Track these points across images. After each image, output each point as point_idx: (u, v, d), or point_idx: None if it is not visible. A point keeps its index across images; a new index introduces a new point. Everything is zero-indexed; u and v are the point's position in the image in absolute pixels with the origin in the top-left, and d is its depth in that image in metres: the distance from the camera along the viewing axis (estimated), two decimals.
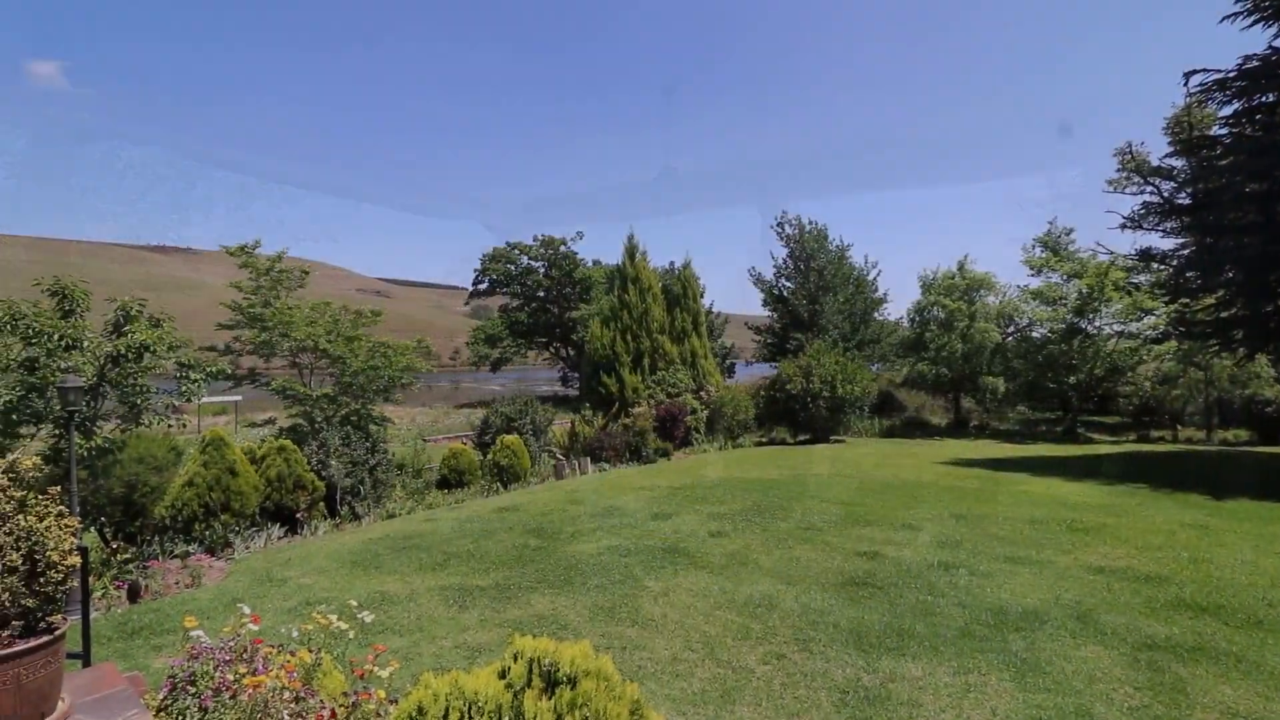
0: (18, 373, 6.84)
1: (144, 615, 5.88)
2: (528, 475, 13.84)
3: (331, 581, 6.72)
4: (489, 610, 5.87)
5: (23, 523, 2.68)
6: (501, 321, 48.07)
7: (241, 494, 8.89)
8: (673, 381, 20.94)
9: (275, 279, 13.29)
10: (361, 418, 13.11)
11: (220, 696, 2.23)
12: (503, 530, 8.80)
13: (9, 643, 2.64)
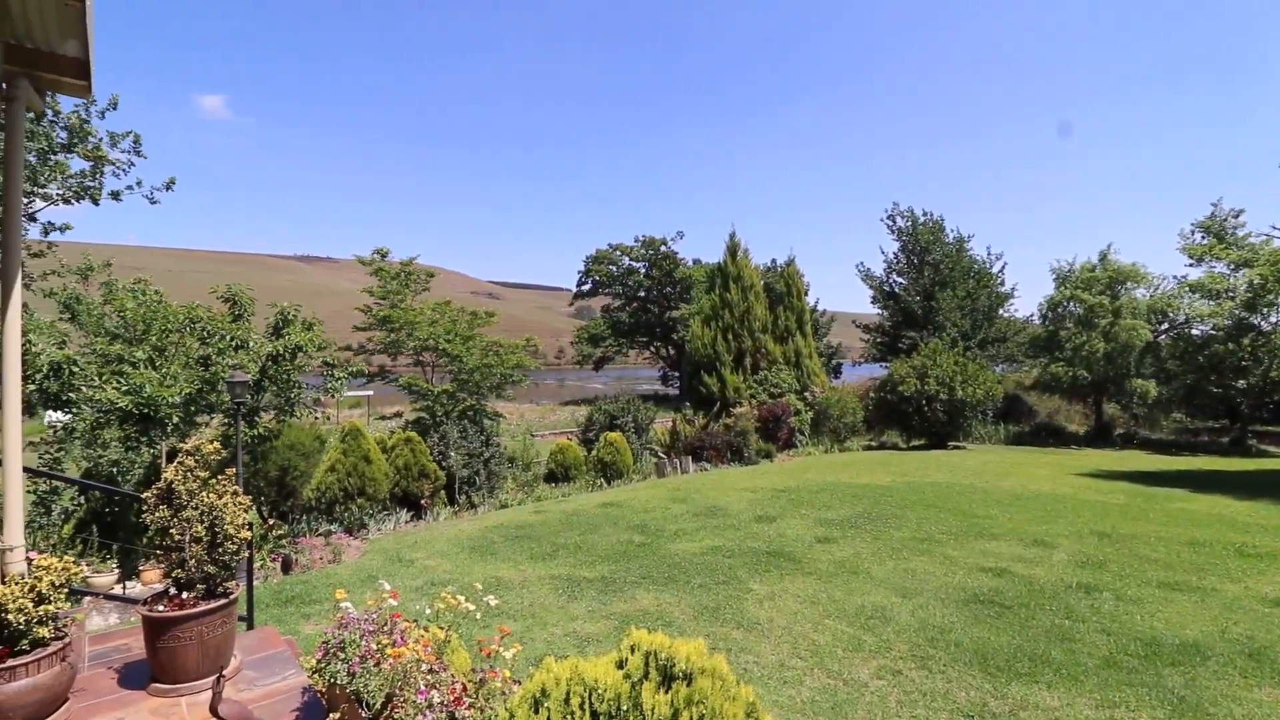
0: (196, 369, 7.89)
1: (295, 586, 6.59)
2: (630, 472, 14.08)
3: (453, 565, 7.19)
4: (596, 602, 6.03)
5: (206, 499, 3.10)
6: (604, 321, 49.24)
7: (375, 480, 9.72)
8: (775, 381, 20.49)
9: (403, 283, 14.38)
10: (477, 413, 13.91)
11: (366, 663, 2.46)
12: (607, 525, 9.01)
13: (194, 603, 3.07)
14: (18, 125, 4.60)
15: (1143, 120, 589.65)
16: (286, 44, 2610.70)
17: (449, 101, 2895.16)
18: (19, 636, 2.67)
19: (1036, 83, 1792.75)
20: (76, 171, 9.93)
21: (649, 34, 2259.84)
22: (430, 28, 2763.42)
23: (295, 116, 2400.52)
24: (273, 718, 2.69)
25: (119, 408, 6.76)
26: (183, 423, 7.44)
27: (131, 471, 7.46)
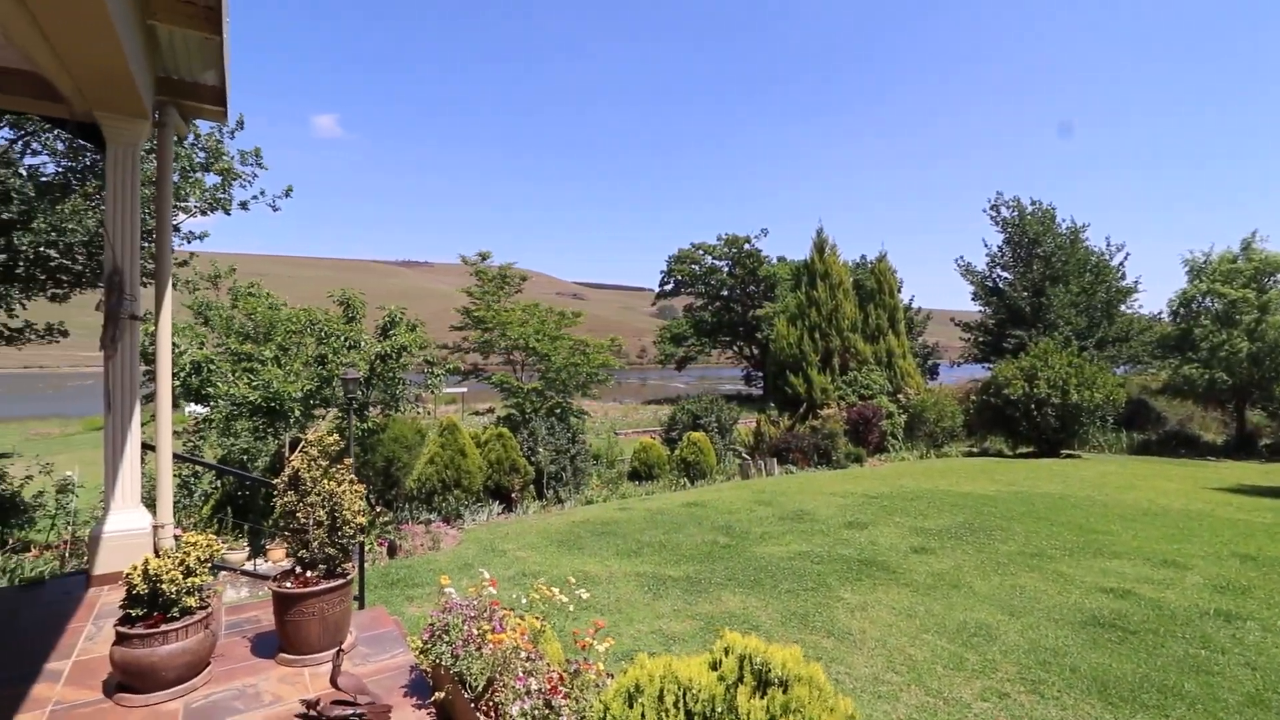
0: (314, 366, 8.59)
1: (399, 570, 7.03)
2: (713, 472, 13.99)
3: (542, 557, 7.43)
4: (681, 601, 6.04)
5: (327, 486, 3.36)
6: (686, 321, 49.19)
7: (469, 473, 10.20)
8: (866, 383, 19.70)
9: (499, 285, 15.00)
10: (563, 410, 14.29)
11: (468, 647, 2.59)
12: (691, 525, 8.99)
13: (316, 581, 3.33)
14: (168, 148, 5.17)
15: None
16: (389, 61, 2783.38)
17: (538, 107, 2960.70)
18: (170, 605, 3.01)
19: (1183, 70, 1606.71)
20: (210, 185, 11.05)
21: (734, 33, 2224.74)
22: (520, 37, 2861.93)
23: (397, 129, 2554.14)
24: (384, 692, 2.88)
25: (249, 401, 7.48)
26: (302, 415, 8.13)
27: (258, 459, 8.24)
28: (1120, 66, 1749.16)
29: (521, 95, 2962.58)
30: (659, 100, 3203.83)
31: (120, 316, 4.25)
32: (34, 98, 4.54)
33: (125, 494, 4.33)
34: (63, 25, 3.36)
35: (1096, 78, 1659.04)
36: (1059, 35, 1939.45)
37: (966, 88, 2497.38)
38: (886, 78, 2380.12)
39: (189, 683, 3.01)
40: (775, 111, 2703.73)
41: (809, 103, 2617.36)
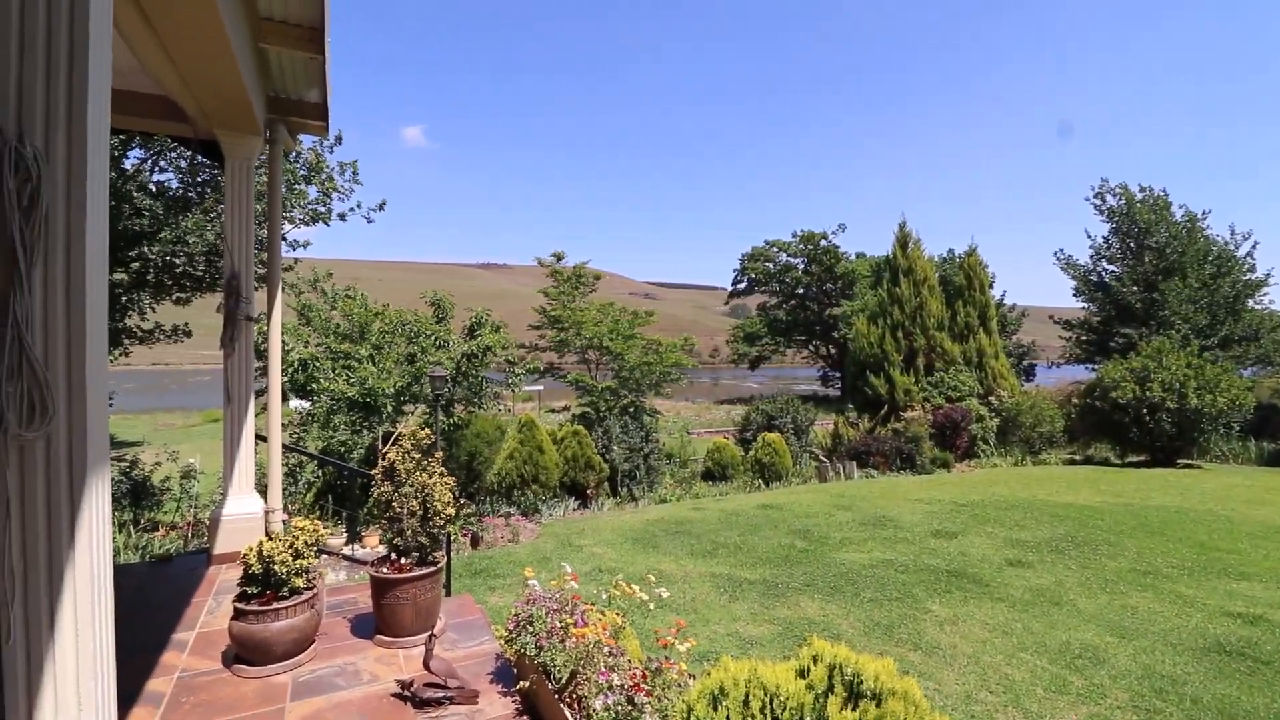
0: (404, 365, 9.07)
1: (481, 560, 7.29)
2: (789, 475, 13.70)
3: (617, 554, 7.50)
4: (758, 605, 5.94)
5: (419, 479, 3.52)
6: (760, 320, 48.39)
7: (546, 469, 10.46)
8: (953, 384, 18.72)
9: (574, 285, 15.31)
10: (637, 409, 14.39)
11: (552, 639, 2.65)
12: (767, 527, 8.83)
13: (409, 569, 3.50)
14: (278, 161, 5.58)
15: None
16: (471, 71, 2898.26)
17: (611, 110, 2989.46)
18: (281, 584, 3.25)
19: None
20: (313, 198, 11.88)
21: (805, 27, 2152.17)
22: (592, 41, 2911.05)
23: (477, 137, 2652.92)
24: (471, 678, 2.99)
25: (348, 397, 7.98)
26: (394, 411, 8.59)
27: (354, 451, 8.77)
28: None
29: (595, 99, 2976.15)
30: (730, 98, 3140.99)
31: (238, 318, 4.63)
32: (163, 119, 5.01)
33: (241, 481, 4.71)
34: (190, 53, 3.69)
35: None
36: (1190, 20, 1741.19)
37: (1067, 71, 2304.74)
38: (976, 65, 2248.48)
39: (296, 658, 3.23)
40: (856, 104, 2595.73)
41: (889, 93, 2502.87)
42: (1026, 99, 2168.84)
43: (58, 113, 1.68)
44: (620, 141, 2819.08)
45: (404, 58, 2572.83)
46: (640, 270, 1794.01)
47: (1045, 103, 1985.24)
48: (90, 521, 1.73)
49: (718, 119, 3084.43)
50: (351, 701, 2.88)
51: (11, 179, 1.61)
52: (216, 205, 10.94)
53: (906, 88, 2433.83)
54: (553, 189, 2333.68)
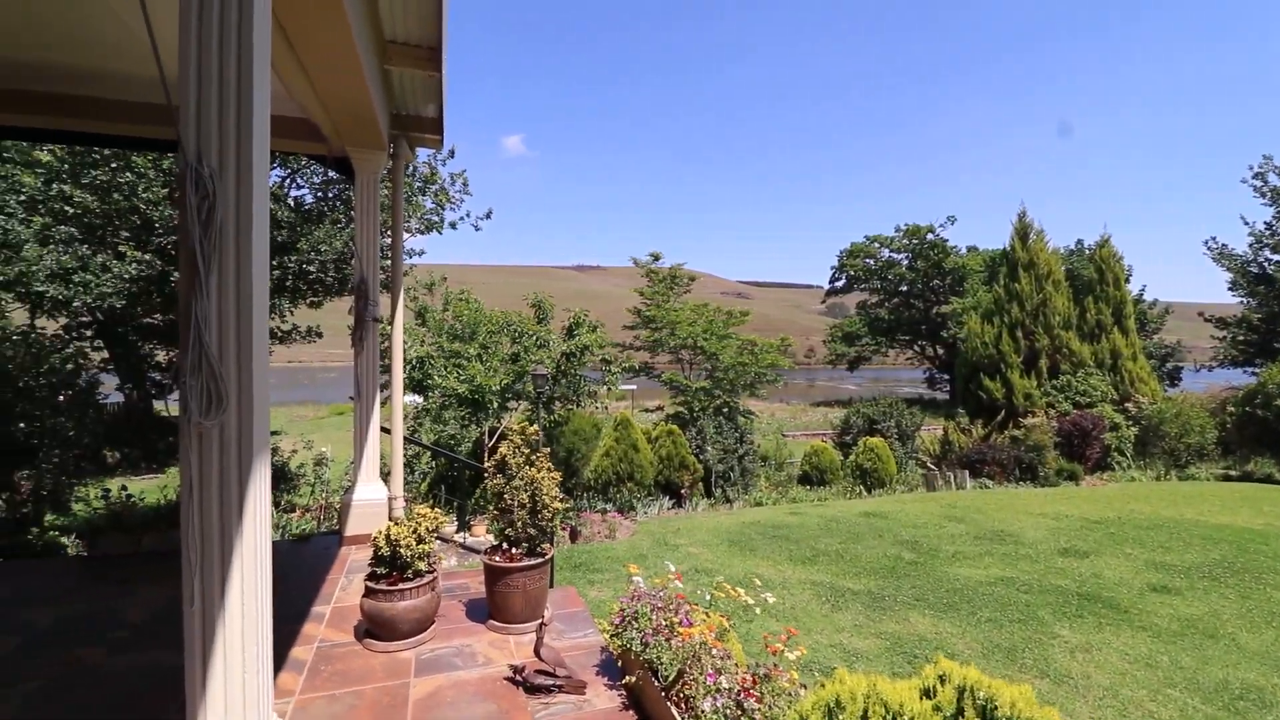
0: (508, 363, 9.48)
1: (580, 554, 7.47)
2: (893, 482, 13.04)
3: (714, 555, 7.45)
4: (863, 616, 5.69)
5: (529, 473, 3.65)
6: (859, 319, 46.40)
7: (641, 467, 10.57)
8: (1082, 388, 17.07)
9: (668, 285, 15.40)
10: (731, 410, 14.23)
11: (657, 636, 2.66)
12: (871, 536, 8.45)
13: (519, 559, 3.64)
14: (400, 174, 5.98)
15: None
16: (567, 78, 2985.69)
17: (703, 110, 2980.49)
18: (406, 567, 3.48)
19: None
20: (428, 209, 12.68)
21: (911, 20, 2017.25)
22: (685, 44, 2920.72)
23: (573, 142, 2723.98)
24: (578, 668, 3.07)
25: (458, 393, 8.46)
26: (499, 407, 9.01)
27: (462, 445, 9.28)
28: None
29: (691, 99, 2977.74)
30: (824, 93, 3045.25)
31: (366, 319, 5.02)
32: (304, 139, 5.51)
33: (368, 469, 5.11)
34: (328, 78, 4.04)
35: None
36: None
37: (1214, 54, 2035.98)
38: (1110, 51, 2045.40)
39: (418, 636, 3.45)
40: (964, 94, 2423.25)
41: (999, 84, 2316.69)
42: (1179, 85, 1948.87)
43: (228, 137, 1.88)
44: (714, 141, 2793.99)
45: (506, 69, 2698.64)
46: (733, 269, 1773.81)
47: (1197, 87, 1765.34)
48: (255, 502, 1.93)
49: (817, 114, 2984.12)
50: (469, 681, 3.04)
51: (193, 196, 1.83)
52: (343, 217, 11.95)
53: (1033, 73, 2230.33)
54: (645, 190, 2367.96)
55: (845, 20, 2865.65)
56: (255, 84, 1.90)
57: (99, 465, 11.82)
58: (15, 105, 4.57)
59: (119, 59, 4.13)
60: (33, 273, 10.15)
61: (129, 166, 10.14)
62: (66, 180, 10.35)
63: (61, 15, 3.54)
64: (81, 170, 10.34)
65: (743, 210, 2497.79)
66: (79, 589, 4.44)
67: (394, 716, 2.77)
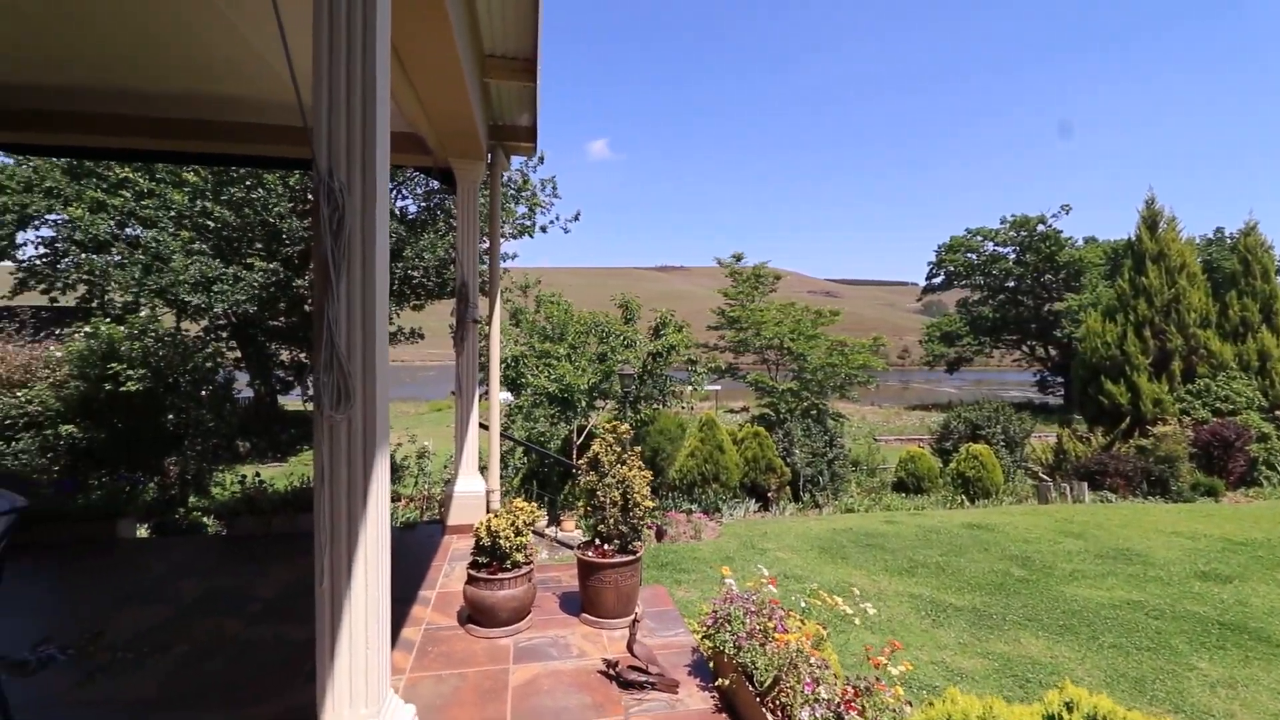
0: (596, 363, 9.68)
1: (667, 554, 7.50)
2: (999, 492, 12.19)
3: (803, 561, 7.26)
4: (967, 634, 5.36)
5: (620, 471, 3.71)
6: (959, 317, 43.72)
7: (727, 469, 10.47)
8: (1224, 394, 15.26)
9: (753, 285, 15.19)
10: (819, 412, 13.83)
11: (751, 640, 2.63)
12: (975, 549, 7.94)
13: (612, 555, 3.70)
14: (498, 182, 6.24)
15: None
16: (649, 79, 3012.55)
17: (789, 107, 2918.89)
18: (505, 557, 3.63)
19: None
20: (519, 214, 13.17)
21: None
22: (768, 39, 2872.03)
23: (656, 144, 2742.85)
24: (670, 667, 3.08)
25: (548, 392, 8.74)
26: (587, 406, 9.22)
27: (551, 442, 9.56)
28: None
29: (772, 95, 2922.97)
30: (924, 79, 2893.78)
31: (466, 321, 5.28)
32: (411, 153, 5.87)
33: (468, 463, 5.37)
34: (435, 95, 4.28)
35: None
36: None
37: None
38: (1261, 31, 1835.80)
39: (516, 625, 3.60)
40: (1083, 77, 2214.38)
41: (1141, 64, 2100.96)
42: None
43: (355, 154, 2.04)
44: (800, 136, 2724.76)
45: (591, 73, 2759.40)
46: (820, 267, 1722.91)
47: None
48: (377, 489, 2.09)
49: (910, 107, 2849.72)
50: (564, 672, 3.14)
51: (326, 207, 2.00)
52: (444, 226, 12.64)
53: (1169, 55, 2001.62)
54: (730, 188, 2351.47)
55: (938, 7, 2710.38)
56: (378, 106, 2.05)
57: (233, 454, 13.13)
58: (164, 131, 5.16)
59: (254, 86, 4.57)
60: (180, 282, 11.43)
61: (261, 183, 11.20)
62: (208, 197, 11.57)
63: (205, 51, 3.96)
64: (221, 188, 11.53)
65: (831, 206, 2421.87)
66: (220, 565, 4.95)
67: (495, 700, 2.90)
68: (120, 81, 4.47)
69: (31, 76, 4.34)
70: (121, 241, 13.21)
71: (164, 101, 4.84)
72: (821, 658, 2.50)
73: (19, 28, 3.58)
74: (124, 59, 4.06)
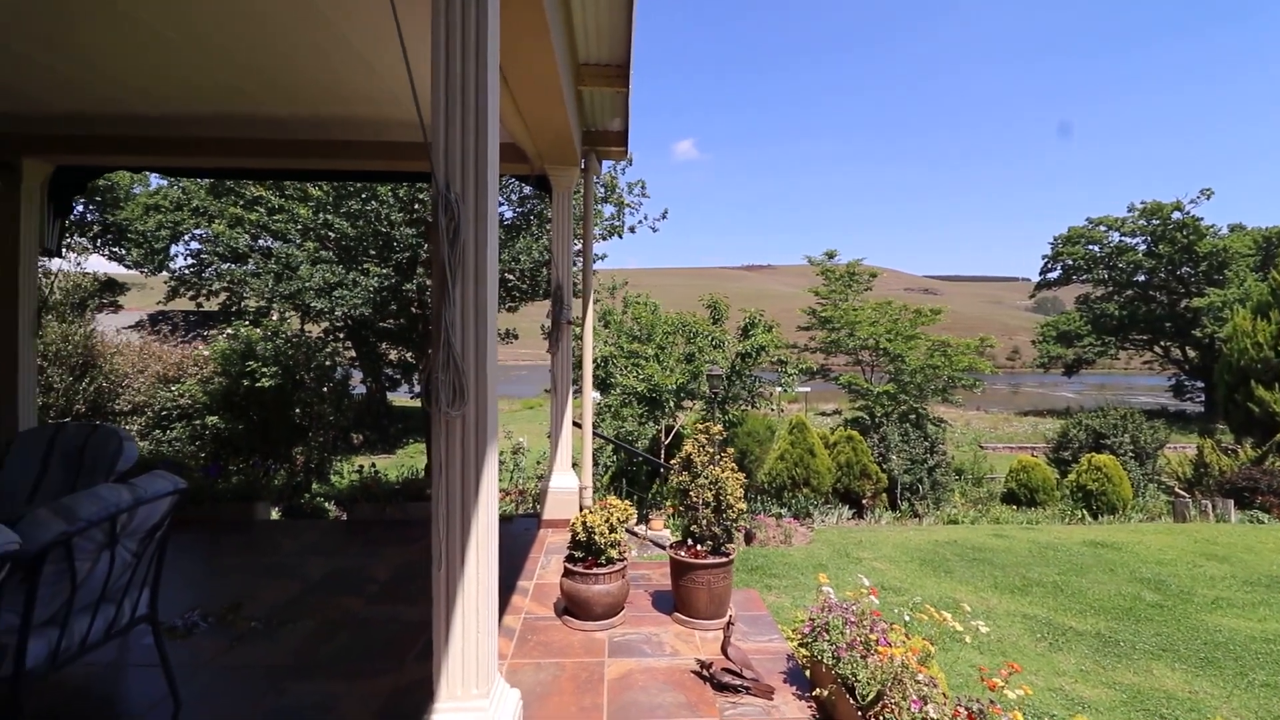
0: (683, 364, 9.70)
1: (756, 558, 7.39)
2: (1126, 508, 11.10)
3: (902, 573, 6.93)
4: (1090, 661, 4.92)
5: (713, 471, 3.71)
6: (1078, 315, 40.09)
7: (818, 473, 10.18)
8: None
9: (846, 283, 14.69)
10: (918, 416, 13.15)
11: (852, 652, 2.55)
12: (1098, 569, 7.28)
13: (704, 556, 3.70)
14: (591, 186, 6.40)
15: None
16: (733, 75, 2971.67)
17: (891, 84, 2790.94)
18: (600, 553, 3.72)
19: None
20: (608, 215, 13.41)
21: None
22: (854, 19, 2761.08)
23: (742, 142, 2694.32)
24: (764, 673, 3.05)
25: (636, 391, 8.86)
26: (675, 406, 9.26)
27: (639, 441, 9.67)
28: None
29: (857, 77, 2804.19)
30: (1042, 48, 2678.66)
31: (561, 322, 5.45)
32: (511, 162, 6.13)
33: (562, 459, 5.55)
34: (534, 106, 4.46)
35: None
36: None
37: None
38: None
39: (610, 620, 3.68)
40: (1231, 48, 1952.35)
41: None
42: None
43: (469, 167, 2.17)
44: (897, 123, 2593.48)
45: (676, 71, 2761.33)
46: (918, 264, 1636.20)
47: None
48: (488, 482, 2.21)
49: (1030, 77, 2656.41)
50: (658, 669, 3.17)
51: (443, 218, 2.14)
52: (537, 230, 13.09)
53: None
54: (820, 183, 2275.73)
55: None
56: (489, 123, 2.17)
57: (349, 446, 14.24)
58: (295, 151, 5.67)
59: (374, 108, 4.94)
60: (306, 289, 12.54)
61: (375, 196, 12.08)
62: (329, 210, 12.62)
63: (334, 76, 4.32)
64: (340, 201, 12.55)
65: (930, 199, 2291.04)
66: (341, 547, 5.39)
67: (592, 691, 2.98)
68: (257, 108, 4.97)
69: (181, 107, 4.91)
70: (256, 252, 14.67)
71: (295, 124, 5.33)
72: (929, 675, 2.38)
73: (169, 63, 4.06)
74: (264, 86, 4.51)
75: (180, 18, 3.43)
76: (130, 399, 9.54)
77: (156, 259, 22.09)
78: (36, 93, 4.52)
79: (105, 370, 9.28)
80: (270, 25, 3.54)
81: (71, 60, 3.97)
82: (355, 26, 3.52)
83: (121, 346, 10.24)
